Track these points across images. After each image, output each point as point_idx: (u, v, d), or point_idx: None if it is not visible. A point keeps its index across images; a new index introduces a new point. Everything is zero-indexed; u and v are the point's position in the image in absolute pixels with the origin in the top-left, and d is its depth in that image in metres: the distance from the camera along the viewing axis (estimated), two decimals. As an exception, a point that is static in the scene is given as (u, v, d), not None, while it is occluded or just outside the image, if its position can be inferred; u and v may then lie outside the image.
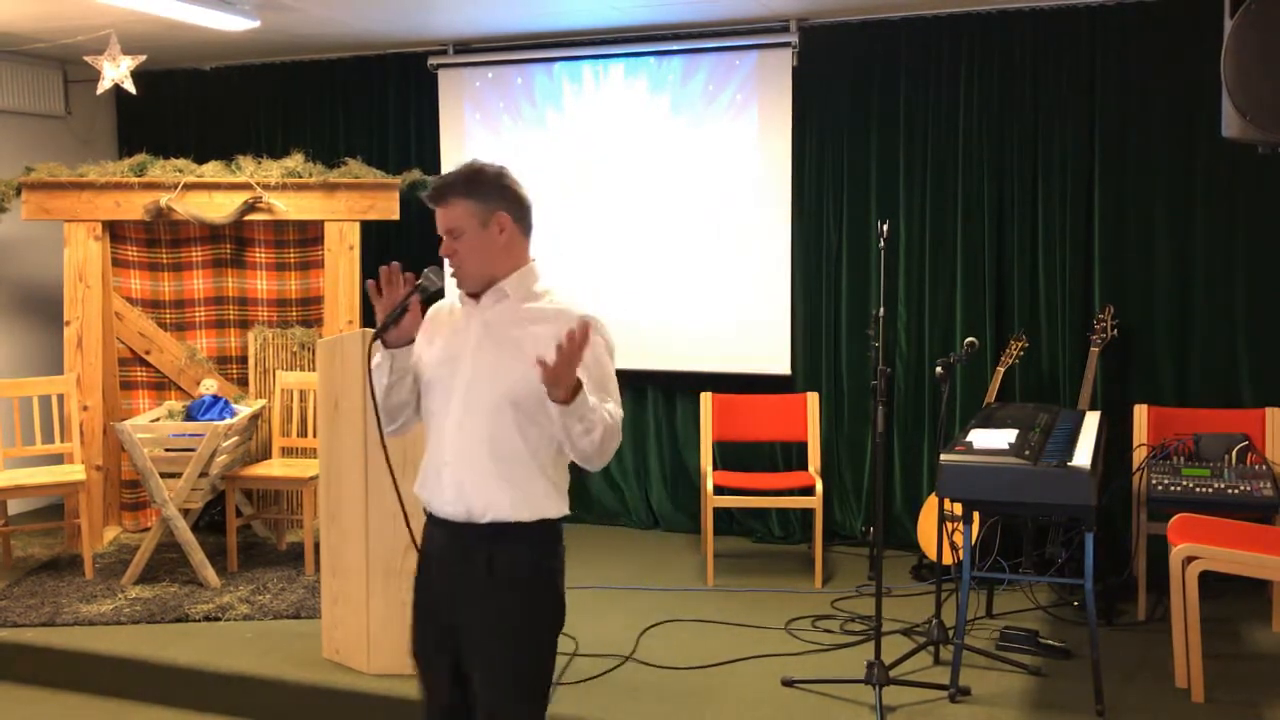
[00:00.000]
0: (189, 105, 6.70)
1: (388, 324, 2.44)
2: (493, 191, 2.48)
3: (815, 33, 5.41)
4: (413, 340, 2.49)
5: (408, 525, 2.61)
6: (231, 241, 5.77)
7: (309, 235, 5.68)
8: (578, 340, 2.20)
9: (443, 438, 2.48)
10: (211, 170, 5.51)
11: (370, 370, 2.52)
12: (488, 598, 2.45)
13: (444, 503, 2.48)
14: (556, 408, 2.28)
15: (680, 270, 5.70)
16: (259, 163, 5.54)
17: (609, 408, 2.40)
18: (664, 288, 5.73)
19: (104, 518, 5.60)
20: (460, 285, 2.52)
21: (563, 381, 2.22)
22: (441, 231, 2.48)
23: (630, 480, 6.00)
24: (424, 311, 2.54)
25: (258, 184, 5.42)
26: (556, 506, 2.52)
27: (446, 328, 2.55)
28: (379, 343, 2.47)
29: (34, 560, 5.36)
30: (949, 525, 4.21)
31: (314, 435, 5.15)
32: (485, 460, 2.43)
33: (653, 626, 4.43)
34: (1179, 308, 4.94)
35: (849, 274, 5.47)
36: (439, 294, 2.56)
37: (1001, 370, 4.94)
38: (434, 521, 2.54)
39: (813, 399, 5.34)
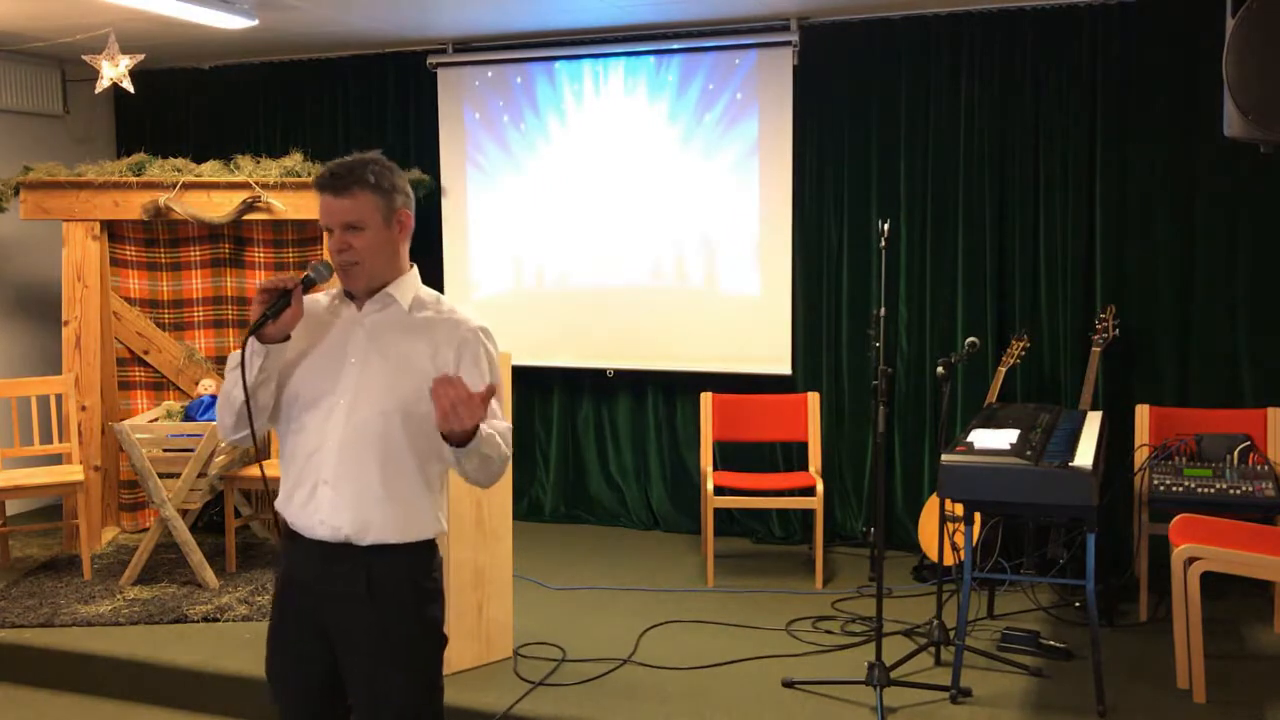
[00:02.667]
0: (187, 104, 6.69)
1: (267, 315, 2.25)
2: (399, 186, 2.35)
3: (816, 31, 5.40)
4: (289, 337, 2.32)
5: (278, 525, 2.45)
6: (230, 241, 5.76)
7: (308, 235, 5.67)
8: (482, 396, 2.10)
9: (322, 455, 2.31)
10: (210, 169, 5.49)
11: (244, 365, 2.29)
12: (370, 623, 2.31)
13: (316, 523, 2.32)
14: (450, 448, 2.15)
15: (680, 269, 5.69)
16: (257, 162, 5.53)
17: (501, 428, 2.27)
18: (664, 287, 5.72)
19: (102, 518, 5.59)
20: (350, 284, 2.35)
21: (458, 425, 2.09)
22: (336, 224, 2.29)
23: (630, 480, 5.99)
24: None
25: (256, 183, 5.41)
26: (436, 525, 2.39)
27: (314, 333, 2.37)
28: (254, 338, 2.27)
29: (32, 561, 5.35)
30: (950, 526, 4.20)
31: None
32: (373, 479, 2.29)
33: (653, 627, 4.41)
34: (1181, 307, 4.92)
35: (849, 274, 5.46)
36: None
37: (1003, 370, 4.93)
38: (300, 543, 2.36)
39: (813, 399, 5.33)
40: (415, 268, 2.46)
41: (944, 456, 3.68)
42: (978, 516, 3.85)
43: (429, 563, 2.39)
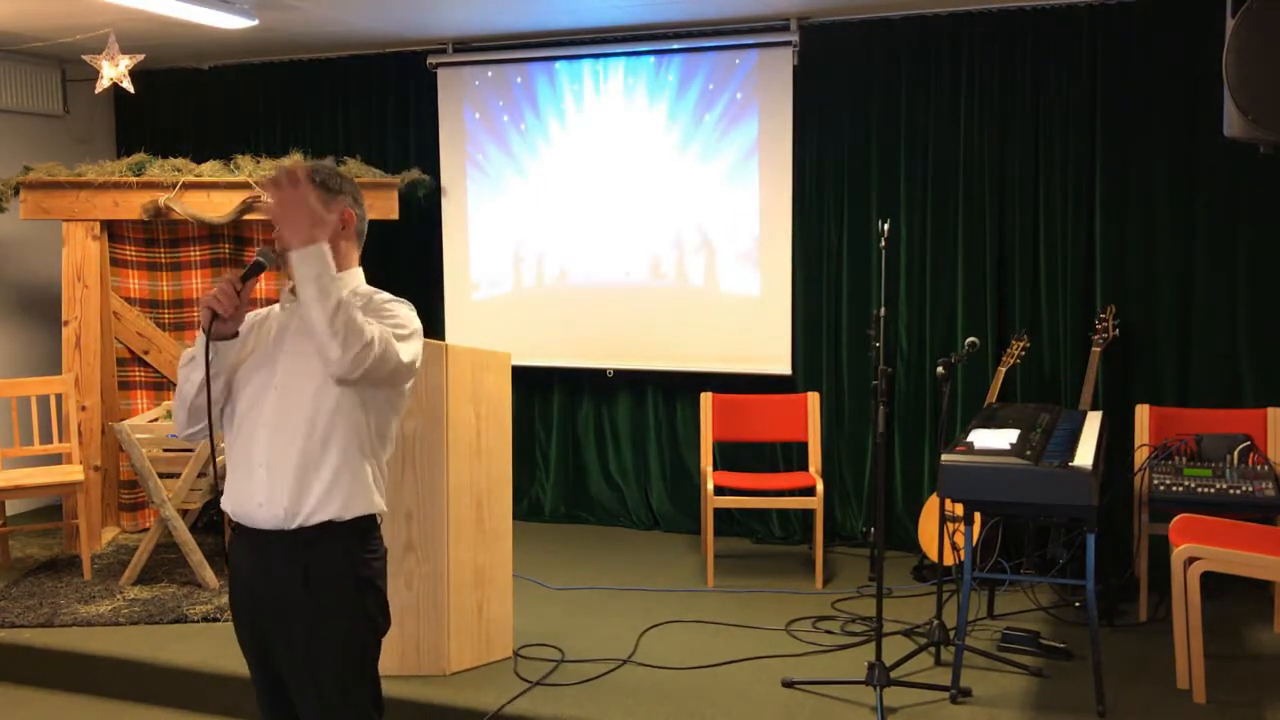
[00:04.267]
0: (187, 104, 6.69)
1: (248, 279, 2.43)
2: (344, 186, 2.51)
3: (816, 31, 5.40)
4: (237, 334, 2.46)
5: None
6: (230, 241, 5.76)
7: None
8: (290, 188, 2.30)
9: (255, 439, 2.43)
10: (210, 170, 5.49)
11: (207, 355, 2.42)
12: (306, 610, 2.40)
13: (255, 507, 2.43)
14: (292, 255, 2.32)
15: (680, 269, 5.69)
16: (257, 162, 5.53)
17: (374, 329, 2.36)
18: (664, 287, 5.72)
19: (102, 518, 5.59)
20: (288, 270, 2.45)
21: (283, 219, 2.32)
22: None
23: (630, 480, 5.99)
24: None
25: (256, 183, 5.41)
26: (374, 502, 2.48)
27: (264, 331, 2.54)
28: (202, 336, 2.41)
29: (32, 561, 5.35)
30: (950, 526, 4.20)
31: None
32: (305, 459, 2.39)
33: (653, 627, 4.41)
34: (1181, 307, 4.92)
35: (849, 274, 5.46)
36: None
37: (1003, 370, 4.93)
38: (242, 533, 2.49)
39: (813, 399, 5.33)
40: (359, 269, 2.58)
41: (944, 456, 3.68)
42: (978, 516, 3.85)
43: (367, 544, 2.48)
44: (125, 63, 5.03)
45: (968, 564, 3.75)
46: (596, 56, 5.73)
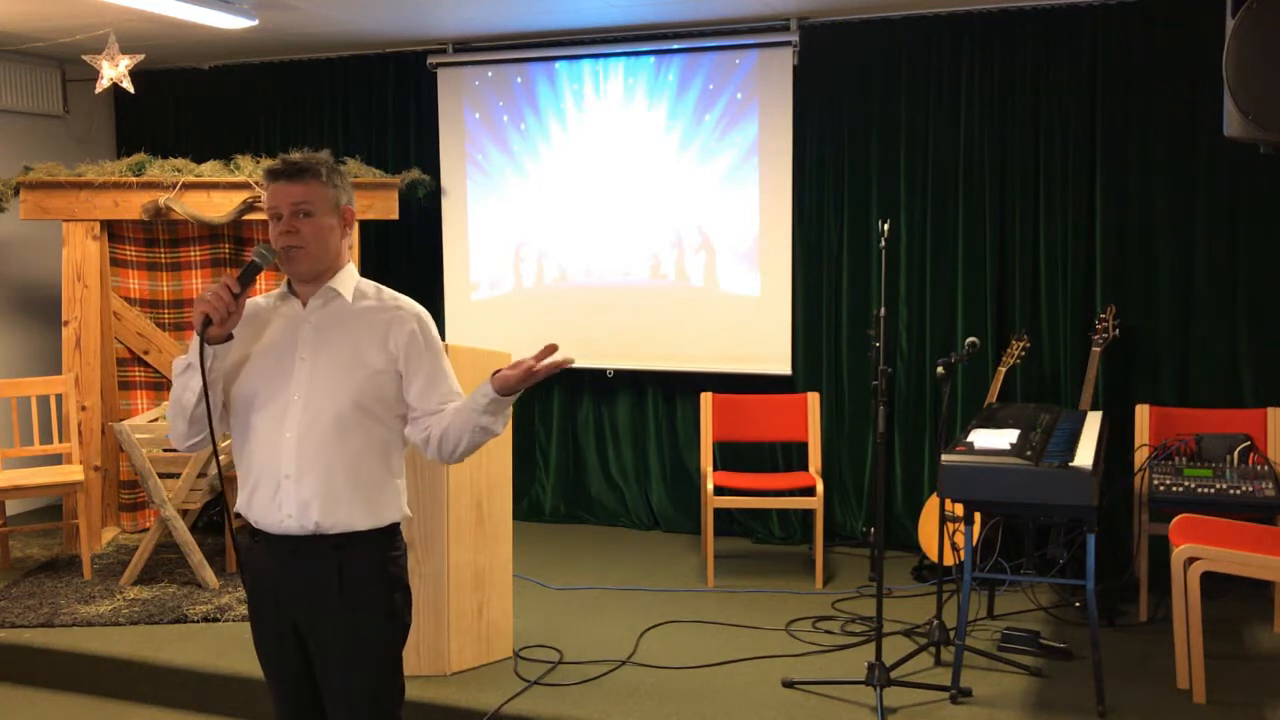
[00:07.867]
0: (187, 104, 6.69)
1: (245, 281, 2.34)
2: (345, 185, 2.48)
3: (816, 31, 5.40)
4: (231, 337, 2.36)
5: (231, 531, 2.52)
6: (230, 241, 5.76)
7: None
8: (543, 361, 2.28)
9: (279, 450, 2.36)
10: (210, 170, 5.49)
11: (202, 363, 2.31)
12: (342, 611, 2.38)
13: (282, 518, 2.37)
14: (494, 399, 2.31)
15: (680, 269, 5.69)
16: (257, 162, 5.53)
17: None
18: (664, 287, 5.72)
19: (102, 518, 5.59)
20: (292, 269, 2.41)
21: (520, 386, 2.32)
22: (286, 207, 2.36)
23: (630, 480, 5.99)
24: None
25: (256, 183, 5.41)
26: (400, 510, 2.48)
27: (259, 334, 2.44)
28: (198, 340, 2.31)
29: (32, 561, 5.35)
30: (950, 526, 4.20)
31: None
32: (334, 469, 2.35)
33: (653, 628, 4.41)
34: (1181, 308, 4.93)
35: (849, 274, 5.46)
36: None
37: (1003, 370, 4.93)
38: (266, 540, 2.41)
39: (813, 399, 5.33)
40: (352, 263, 2.54)
41: (944, 456, 3.68)
42: (978, 516, 3.84)
43: (395, 547, 2.47)
44: (125, 63, 5.03)
45: (968, 564, 3.75)
46: (596, 57, 5.73)
